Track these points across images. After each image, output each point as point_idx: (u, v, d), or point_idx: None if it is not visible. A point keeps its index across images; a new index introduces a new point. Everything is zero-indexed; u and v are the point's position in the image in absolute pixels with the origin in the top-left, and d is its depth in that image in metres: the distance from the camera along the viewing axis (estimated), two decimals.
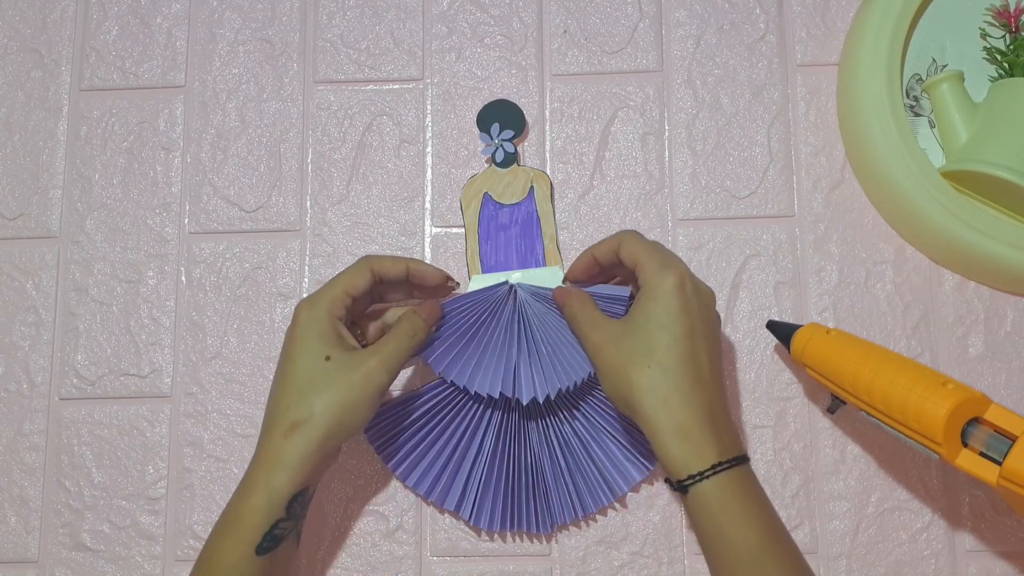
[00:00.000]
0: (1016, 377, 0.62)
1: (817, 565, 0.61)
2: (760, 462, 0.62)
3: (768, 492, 0.61)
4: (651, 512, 0.62)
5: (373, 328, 0.59)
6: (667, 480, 0.50)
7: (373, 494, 0.63)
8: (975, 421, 0.49)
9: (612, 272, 0.59)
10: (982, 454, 0.48)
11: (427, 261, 0.64)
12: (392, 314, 0.59)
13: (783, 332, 0.59)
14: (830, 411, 0.57)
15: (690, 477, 0.48)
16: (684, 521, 0.61)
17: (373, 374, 0.52)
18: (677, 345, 0.50)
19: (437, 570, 0.62)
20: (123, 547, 0.63)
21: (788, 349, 0.58)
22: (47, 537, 0.64)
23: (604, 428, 0.59)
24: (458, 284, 0.60)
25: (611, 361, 0.51)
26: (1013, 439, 0.47)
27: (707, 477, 0.48)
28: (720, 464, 0.48)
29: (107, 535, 0.63)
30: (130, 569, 0.63)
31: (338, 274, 0.56)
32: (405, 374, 0.64)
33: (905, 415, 0.49)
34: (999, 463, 0.47)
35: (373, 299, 0.58)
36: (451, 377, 0.56)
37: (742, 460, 0.50)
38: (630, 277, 0.56)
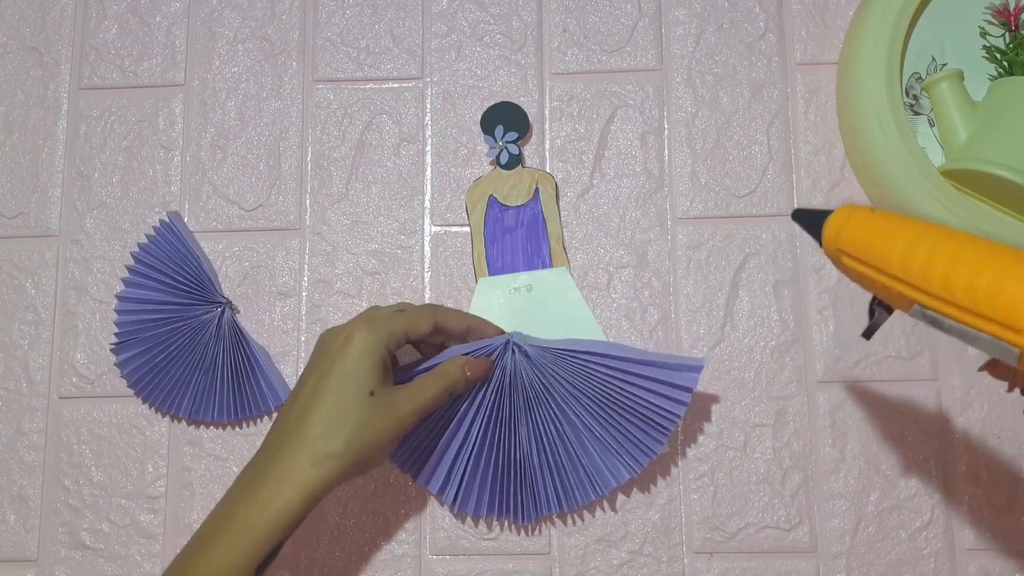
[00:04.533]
0: None
1: (817, 564, 0.61)
2: (760, 461, 0.62)
3: (768, 491, 0.61)
4: (651, 511, 0.62)
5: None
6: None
7: (372, 493, 0.63)
8: None
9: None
10: None
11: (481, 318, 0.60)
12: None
13: (812, 219, 0.46)
14: (866, 335, 0.45)
15: None
16: (684, 520, 0.62)
17: (407, 420, 0.52)
18: None
19: (437, 569, 0.62)
20: (122, 546, 0.63)
21: (819, 241, 0.45)
22: (46, 536, 0.64)
23: (595, 425, 0.58)
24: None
25: None
26: None
27: None
28: None
29: (106, 534, 0.63)
30: (129, 568, 0.63)
31: (402, 310, 0.55)
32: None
33: (975, 299, 0.37)
34: None
35: (425, 342, 0.58)
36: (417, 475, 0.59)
37: None
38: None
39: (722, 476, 0.62)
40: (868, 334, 0.45)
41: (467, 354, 0.57)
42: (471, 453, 0.58)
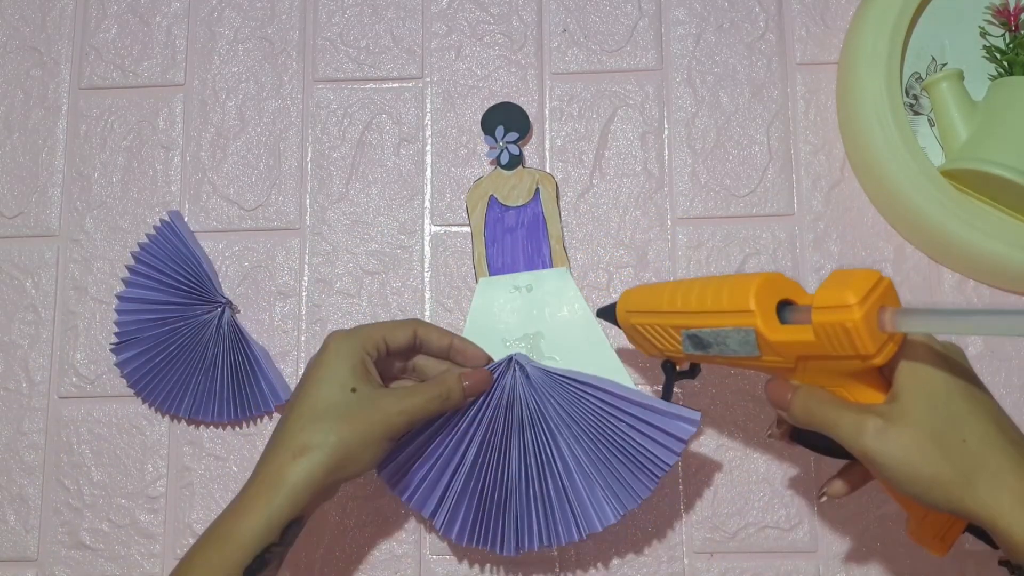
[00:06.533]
0: (1016, 376, 0.62)
1: (817, 565, 0.61)
2: (760, 462, 0.62)
3: (768, 492, 0.61)
4: (651, 511, 0.62)
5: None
6: (1003, 563, 0.42)
7: (372, 493, 0.63)
8: (791, 304, 0.45)
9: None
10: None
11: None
12: (432, 366, 0.57)
13: (608, 311, 0.56)
14: (665, 397, 0.53)
15: None
16: (684, 520, 0.62)
17: (393, 419, 0.50)
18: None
19: (436, 569, 0.62)
20: (122, 545, 0.63)
21: (617, 324, 0.55)
22: (46, 535, 0.64)
23: (585, 459, 0.56)
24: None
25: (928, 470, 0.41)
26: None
27: None
28: None
29: (106, 533, 0.63)
30: (129, 567, 0.63)
31: (381, 322, 0.55)
32: None
33: (719, 301, 0.46)
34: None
35: (407, 363, 0.57)
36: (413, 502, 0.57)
37: None
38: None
39: (722, 476, 0.62)
40: (666, 395, 0.54)
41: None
42: (462, 474, 0.56)
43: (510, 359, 0.56)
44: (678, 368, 0.53)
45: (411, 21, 0.69)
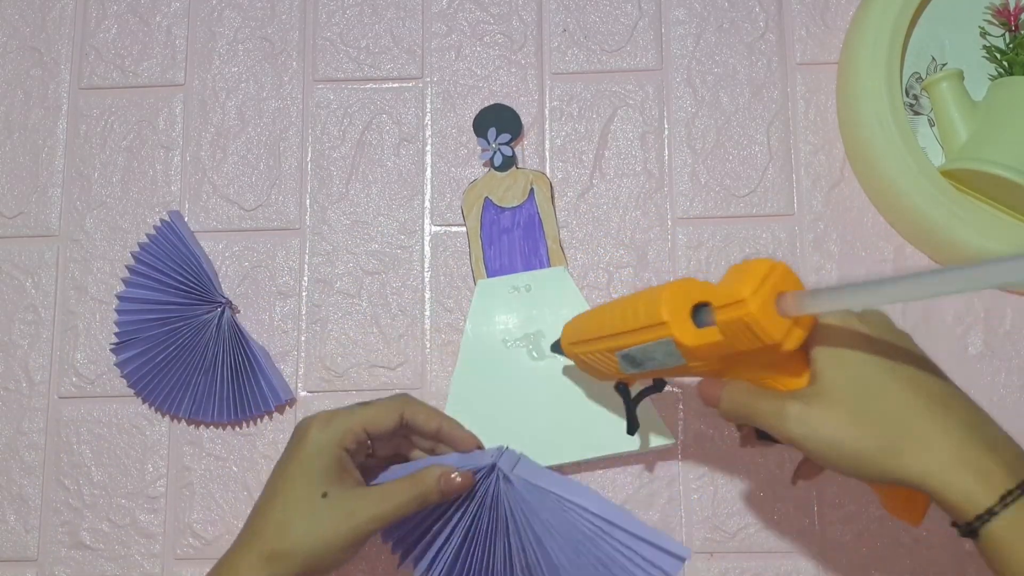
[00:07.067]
0: (1016, 376, 0.62)
1: (818, 566, 0.61)
2: (760, 462, 0.62)
3: (770, 493, 0.61)
4: (651, 511, 0.62)
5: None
6: (954, 524, 0.41)
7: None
8: (707, 306, 0.44)
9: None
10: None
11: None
12: (415, 454, 0.56)
13: (555, 345, 0.57)
14: (630, 432, 0.55)
15: (979, 517, 0.39)
16: (684, 520, 0.61)
17: (363, 526, 0.49)
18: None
19: None
20: (122, 545, 0.63)
21: (563, 354, 0.56)
22: (46, 535, 0.64)
23: (571, 572, 0.53)
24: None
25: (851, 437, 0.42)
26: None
27: (998, 512, 0.38)
28: (1013, 491, 0.39)
29: (106, 533, 0.63)
30: (129, 567, 0.63)
31: (365, 403, 0.53)
32: None
33: (638, 318, 0.46)
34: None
35: (396, 440, 0.55)
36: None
37: None
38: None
39: (722, 476, 0.62)
40: (630, 419, 0.55)
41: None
42: (446, 558, 0.54)
43: (493, 466, 0.53)
44: (643, 386, 0.54)
45: (411, 21, 0.69)
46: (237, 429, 0.64)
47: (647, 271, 0.65)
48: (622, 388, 0.55)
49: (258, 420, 0.64)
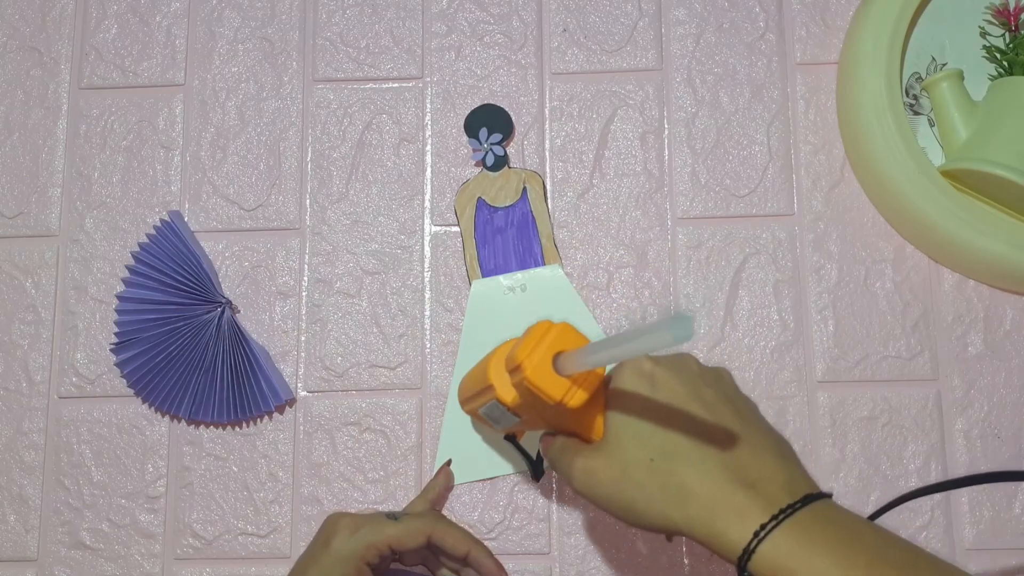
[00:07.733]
0: (1016, 376, 0.62)
1: None
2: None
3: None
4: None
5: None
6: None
7: (372, 493, 0.63)
8: None
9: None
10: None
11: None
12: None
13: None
14: (534, 479, 0.58)
15: (739, 559, 0.39)
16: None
17: None
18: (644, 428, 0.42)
19: None
20: (122, 545, 0.63)
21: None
22: (46, 536, 0.64)
23: None
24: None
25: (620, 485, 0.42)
26: None
27: (754, 549, 0.38)
28: (767, 525, 0.38)
29: (106, 533, 0.63)
30: (129, 567, 0.63)
31: (396, 516, 0.53)
32: None
33: (479, 379, 0.49)
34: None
35: (424, 553, 0.55)
36: None
37: (799, 505, 0.39)
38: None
39: None
40: (537, 477, 0.58)
41: None
42: None
43: None
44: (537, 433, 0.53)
45: (411, 21, 0.69)
46: (237, 429, 0.64)
47: (647, 271, 0.65)
48: (511, 439, 0.56)
49: (258, 420, 0.64)
